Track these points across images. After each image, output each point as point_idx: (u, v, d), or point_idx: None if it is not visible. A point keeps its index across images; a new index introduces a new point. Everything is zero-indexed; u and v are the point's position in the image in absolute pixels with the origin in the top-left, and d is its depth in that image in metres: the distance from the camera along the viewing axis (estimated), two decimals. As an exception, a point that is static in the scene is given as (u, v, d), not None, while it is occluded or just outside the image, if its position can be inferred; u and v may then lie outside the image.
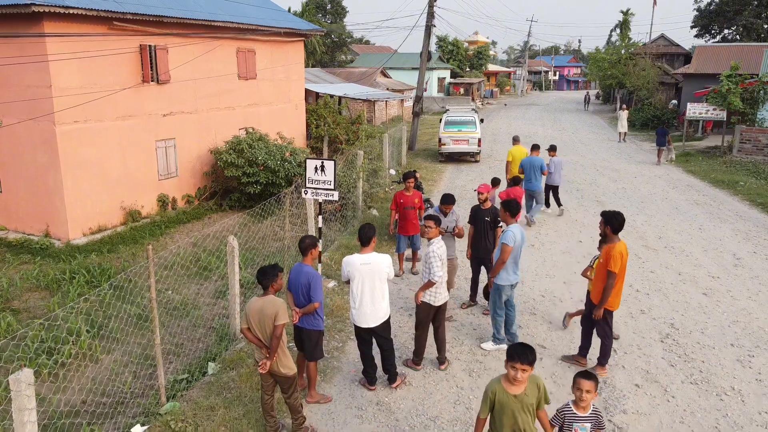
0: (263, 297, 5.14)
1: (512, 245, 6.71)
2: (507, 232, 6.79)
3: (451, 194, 7.91)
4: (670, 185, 17.18)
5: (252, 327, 5.14)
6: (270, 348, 5.04)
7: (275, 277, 5.19)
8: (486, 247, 7.95)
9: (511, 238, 6.72)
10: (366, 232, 5.89)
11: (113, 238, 12.71)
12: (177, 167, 14.92)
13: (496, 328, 7.10)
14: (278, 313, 4.99)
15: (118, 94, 12.97)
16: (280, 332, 4.99)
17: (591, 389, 4.07)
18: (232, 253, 7.16)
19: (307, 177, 9.06)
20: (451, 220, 7.84)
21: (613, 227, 6.31)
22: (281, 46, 18.43)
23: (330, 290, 8.92)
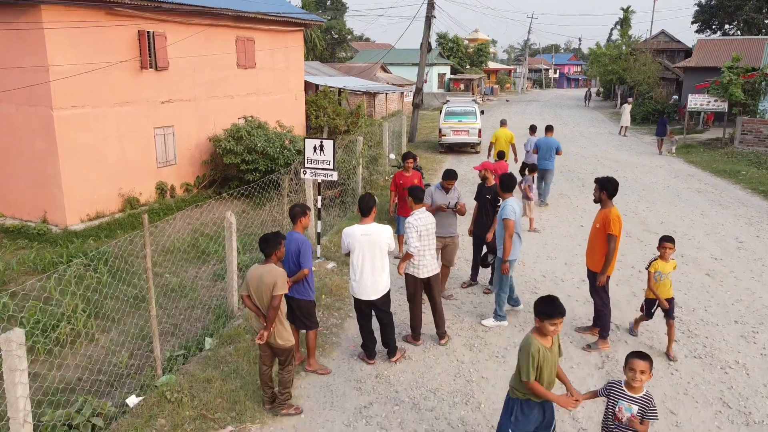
0: (264, 265, 5.04)
1: (513, 218, 6.65)
2: (506, 206, 6.73)
3: (453, 170, 7.73)
4: (672, 175, 17.09)
5: (251, 294, 5.06)
6: (267, 318, 4.95)
7: (278, 244, 5.10)
8: (486, 224, 7.87)
9: (512, 212, 6.67)
10: (367, 201, 5.79)
11: (111, 224, 12.62)
12: (176, 155, 14.83)
13: (498, 305, 7.04)
14: (277, 283, 4.90)
15: (115, 79, 12.88)
16: (277, 303, 4.90)
17: (645, 369, 3.89)
18: (230, 229, 7.07)
19: (306, 157, 8.98)
20: (453, 196, 7.66)
21: (608, 192, 6.40)
22: (281, 36, 18.33)
23: (329, 271, 8.83)
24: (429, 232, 6.15)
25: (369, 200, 5.79)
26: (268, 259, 5.09)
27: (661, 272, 6.27)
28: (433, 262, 6.25)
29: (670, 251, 6.32)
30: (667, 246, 6.31)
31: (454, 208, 7.50)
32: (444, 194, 7.47)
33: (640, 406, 3.92)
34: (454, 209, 7.49)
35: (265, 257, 5.11)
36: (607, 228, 6.26)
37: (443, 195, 7.44)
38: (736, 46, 29.04)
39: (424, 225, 6.10)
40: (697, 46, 31.79)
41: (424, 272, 6.20)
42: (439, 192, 7.48)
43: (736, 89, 21.27)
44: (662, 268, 6.28)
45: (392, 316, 6.07)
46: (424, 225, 6.09)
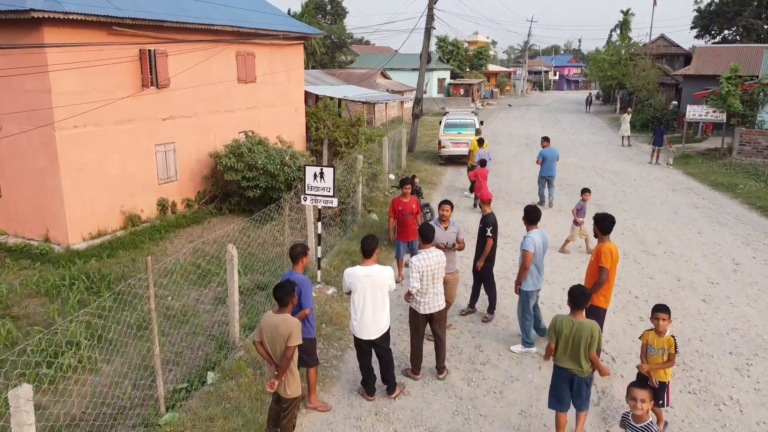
0: (279, 314, 5.06)
1: (532, 251, 6.84)
2: (527, 238, 6.95)
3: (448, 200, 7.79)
4: (670, 188, 17.19)
5: (264, 342, 5.10)
6: (279, 367, 5.02)
7: (293, 292, 5.15)
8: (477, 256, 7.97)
9: (531, 244, 6.87)
10: (369, 243, 5.89)
11: (113, 242, 12.72)
12: (177, 171, 14.93)
13: (525, 333, 7.25)
14: (292, 334, 4.95)
15: (117, 98, 12.98)
16: (291, 354, 4.97)
17: (645, 398, 4.17)
18: (231, 262, 7.17)
19: (306, 183, 9.08)
20: (452, 231, 7.52)
21: (601, 228, 6.62)
22: (281, 49, 18.43)
23: (329, 297, 8.93)
24: (434, 272, 6.21)
25: (371, 242, 5.88)
26: (283, 307, 5.13)
27: (652, 346, 5.39)
28: (436, 300, 6.33)
29: (664, 323, 5.30)
30: (660, 317, 5.32)
31: (452, 247, 7.43)
32: (443, 230, 7.43)
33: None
34: (452, 248, 7.41)
35: (279, 306, 5.15)
36: (598, 261, 6.42)
37: (442, 232, 7.42)
38: (734, 54, 29.16)
39: (428, 266, 6.18)
40: (696, 53, 31.89)
41: (425, 309, 6.30)
42: (439, 229, 7.47)
43: (734, 100, 21.37)
44: (653, 342, 5.38)
45: (392, 353, 6.17)
46: (428, 266, 6.17)
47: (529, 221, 7.12)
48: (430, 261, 6.19)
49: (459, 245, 7.50)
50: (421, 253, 6.24)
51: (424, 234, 6.31)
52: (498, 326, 7.99)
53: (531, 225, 7.09)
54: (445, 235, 7.40)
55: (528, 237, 6.95)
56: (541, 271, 7.11)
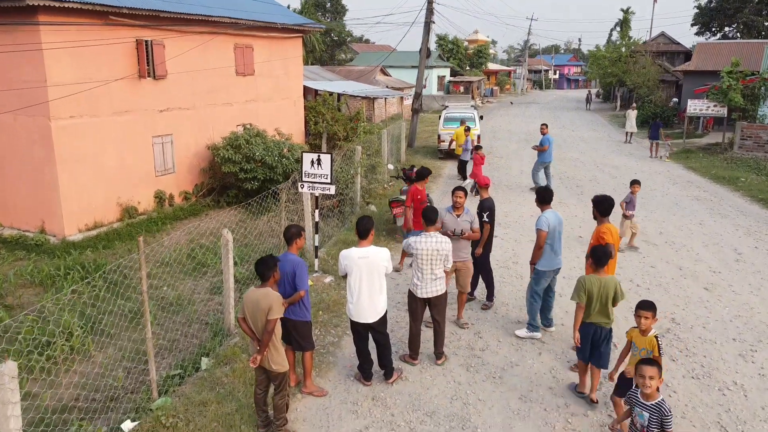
0: (260, 288, 5.03)
1: (546, 230, 6.74)
2: (540, 218, 6.86)
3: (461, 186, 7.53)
4: (671, 181, 17.07)
5: (247, 318, 5.06)
6: (261, 342, 4.94)
7: (274, 267, 5.11)
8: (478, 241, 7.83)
9: (545, 223, 6.77)
10: (364, 224, 5.76)
11: (109, 234, 12.61)
12: (174, 163, 14.81)
13: (531, 315, 7.12)
14: (272, 307, 4.89)
15: (114, 89, 12.87)
16: (272, 327, 4.89)
17: (654, 375, 4.10)
18: (227, 247, 7.06)
19: (303, 171, 8.97)
20: (465, 220, 7.18)
21: (600, 210, 6.60)
22: (279, 42, 18.32)
23: (326, 285, 8.81)
24: (431, 256, 6.07)
25: (367, 223, 5.76)
26: (264, 282, 5.08)
27: (635, 345, 5.02)
28: (435, 284, 6.17)
29: (647, 321, 4.86)
30: (643, 315, 4.87)
31: (459, 235, 7.11)
32: (454, 218, 7.22)
33: (651, 413, 4.10)
34: (459, 236, 7.12)
35: (262, 280, 5.10)
36: (600, 240, 6.33)
37: (454, 219, 7.21)
38: (735, 50, 29.04)
39: (426, 249, 6.05)
40: (697, 49, 31.77)
41: (422, 292, 6.17)
42: (450, 216, 7.27)
43: (735, 94, 21.25)
44: (637, 340, 5.00)
45: (389, 337, 6.05)
46: (425, 249, 6.05)
47: (542, 202, 7.01)
48: (428, 244, 6.07)
49: (473, 234, 7.23)
50: (421, 234, 6.12)
51: (427, 216, 6.19)
52: (498, 313, 7.88)
53: (544, 205, 6.98)
54: (456, 222, 7.18)
55: (542, 216, 6.84)
56: (557, 251, 6.96)
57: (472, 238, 7.35)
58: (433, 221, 6.18)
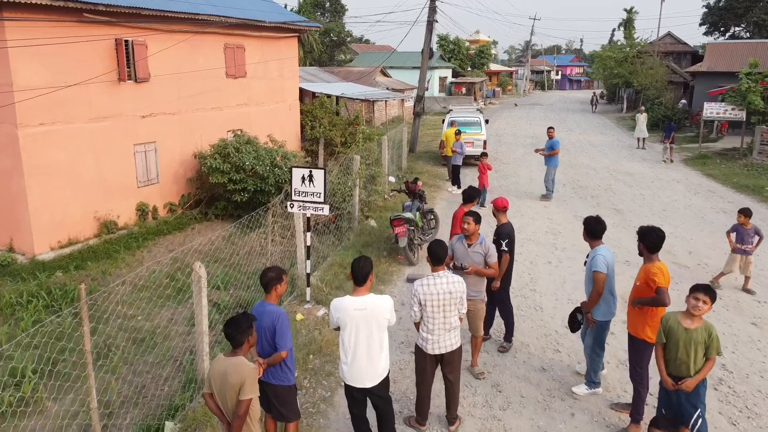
0: (231, 357, 3.96)
1: (605, 272, 5.60)
2: (596, 256, 5.67)
3: (475, 212, 6.33)
4: (691, 191, 15.97)
5: (214, 394, 3.99)
6: (232, 428, 3.85)
7: (250, 329, 4.02)
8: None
9: (603, 264, 5.61)
10: (361, 267, 4.62)
11: (84, 252, 11.51)
12: (158, 173, 13.72)
13: (593, 370, 6.00)
14: (245, 384, 3.82)
15: (90, 93, 11.80)
16: (244, 411, 3.81)
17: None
18: (199, 284, 5.96)
19: (292, 188, 7.88)
20: (477, 251, 6.00)
21: (648, 245, 5.36)
22: (273, 42, 17.23)
23: (319, 320, 7.72)
24: (443, 303, 4.96)
25: (364, 266, 4.64)
26: (236, 349, 4.00)
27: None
28: (449, 337, 5.05)
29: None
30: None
31: (460, 268, 5.92)
32: (465, 248, 6.07)
33: None
34: (460, 269, 5.92)
35: (233, 346, 4.02)
36: (650, 283, 5.20)
37: (464, 250, 6.07)
38: (749, 50, 27.96)
39: (434, 294, 4.95)
40: (709, 49, 30.67)
41: (433, 348, 5.05)
42: (461, 245, 6.14)
43: (755, 97, 20.14)
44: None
45: (391, 402, 4.95)
46: (433, 294, 4.94)
47: (593, 235, 5.84)
48: (437, 288, 4.96)
49: (488, 270, 6.04)
50: (427, 278, 5.02)
51: (434, 253, 5.07)
52: (517, 358, 6.77)
53: (595, 240, 5.83)
54: (467, 254, 6.05)
55: (598, 255, 5.67)
56: (615, 295, 5.86)
57: (487, 275, 6.20)
58: (441, 259, 5.06)
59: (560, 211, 13.50)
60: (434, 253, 5.03)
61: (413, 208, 10.24)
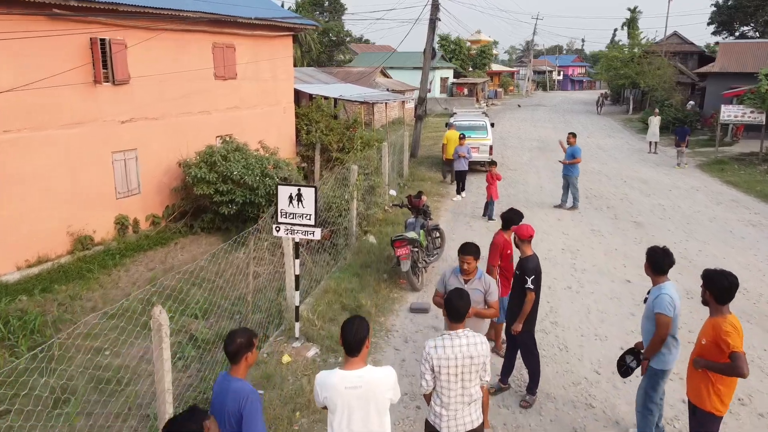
0: None
1: (671, 315, 4.59)
2: (661, 296, 4.64)
3: (472, 243, 5.21)
4: (713, 200, 14.91)
5: None
6: None
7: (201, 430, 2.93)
8: (517, 312, 5.68)
9: (669, 305, 4.60)
10: (354, 332, 3.53)
11: (53, 272, 10.47)
12: (139, 183, 12.67)
13: (647, 427, 4.97)
14: None
15: (63, 97, 10.76)
16: None
17: None
18: (159, 333, 4.89)
19: (278, 209, 6.82)
20: (477, 287, 5.09)
21: (717, 294, 4.22)
22: (266, 42, 16.18)
23: (309, 362, 6.65)
24: (461, 370, 3.88)
25: (358, 330, 3.55)
26: None
27: None
28: (468, 412, 3.96)
29: None
30: None
31: None
32: (461, 283, 5.10)
33: None
34: None
35: None
36: (722, 344, 4.11)
37: (460, 285, 5.07)
38: (763, 50, 26.93)
39: (450, 358, 3.87)
40: (721, 49, 29.61)
41: (449, 426, 3.96)
42: (456, 280, 5.18)
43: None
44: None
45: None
46: (450, 358, 3.87)
47: (657, 270, 4.79)
48: (456, 351, 3.89)
49: (487, 311, 5.08)
50: (443, 337, 3.96)
51: (453, 307, 3.97)
52: (543, 415, 5.70)
53: (660, 276, 4.79)
54: None
55: (664, 294, 4.64)
56: (677, 339, 4.83)
57: (488, 316, 5.20)
58: (461, 315, 3.99)
59: (576, 225, 12.44)
60: (453, 307, 3.96)
61: (417, 226, 9.18)
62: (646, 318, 4.84)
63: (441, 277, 5.29)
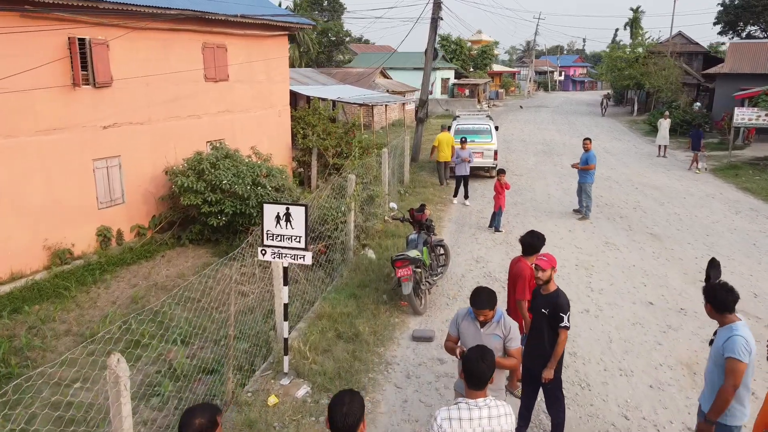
0: None
1: (746, 360, 3.83)
2: (734, 338, 3.86)
3: (487, 289, 4.32)
4: (731, 209, 14.13)
5: None
6: None
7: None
8: (539, 355, 4.90)
9: (744, 349, 3.82)
10: (345, 415, 2.76)
11: (26, 290, 9.68)
12: (123, 192, 11.90)
13: None
14: None
15: (38, 101, 10.00)
16: None
17: None
18: (117, 386, 4.12)
19: (264, 230, 6.06)
20: (494, 333, 4.28)
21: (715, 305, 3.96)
22: (260, 42, 15.41)
23: (299, 404, 5.86)
24: None
25: (349, 412, 2.74)
26: None
27: None
28: None
29: None
30: None
31: None
32: (476, 330, 4.34)
33: None
34: None
35: None
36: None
37: (476, 331, 4.33)
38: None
39: (464, 430, 3.12)
40: (731, 49, 28.84)
41: None
42: (471, 325, 4.39)
43: (791, 101, 18.34)
44: None
45: None
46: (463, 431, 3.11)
47: (721, 307, 4.02)
48: (474, 426, 3.12)
49: (507, 361, 4.29)
50: (458, 407, 3.19)
51: (474, 370, 3.21)
52: (568, 474, 4.93)
53: (727, 315, 4.02)
54: (479, 338, 4.24)
55: (736, 336, 3.87)
56: (749, 392, 4.05)
57: (508, 367, 4.41)
58: (482, 382, 3.22)
59: (588, 237, 11.67)
60: (473, 371, 3.19)
61: (419, 243, 8.40)
62: (715, 365, 4.06)
63: (454, 319, 4.51)
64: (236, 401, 5.87)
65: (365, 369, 6.49)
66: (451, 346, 4.43)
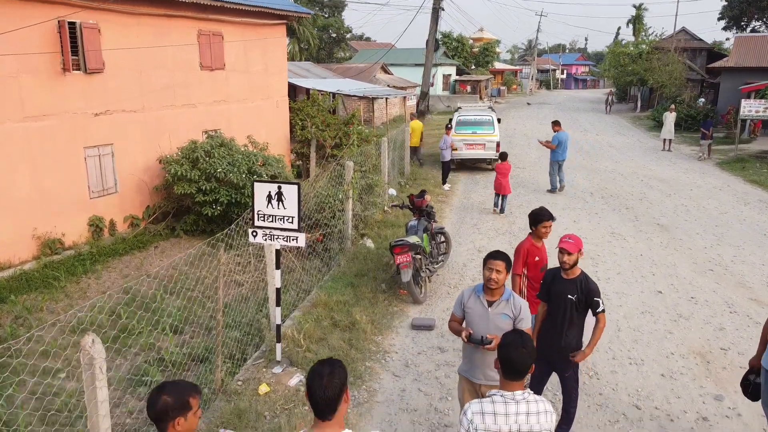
0: None
1: None
2: None
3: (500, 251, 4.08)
4: (740, 201, 13.80)
5: None
6: None
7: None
8: (561, 344, 4.53)
9: None
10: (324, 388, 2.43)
11: (13, 280, 9.38)
12: (116, 181, 11.60)
13: None
14: None
15: (25, 86, 9.70)
16: None
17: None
18: (91, 368, 3.81)
19: (255, 210, 5.76)
20: (500, 315, 3.95)
21: None
22: (257, 30, 15.11)
23: (291, 392, 5.55)
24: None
25: (330, 383, 2.41)
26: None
27: None
28: None
29: None
30: None
31: (484, 342, 3.79)
32: (483, 309, 3.99)
33: None
34: (483, 344, 3.81)
35: None
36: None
37: (483, 311, 4.00)
38: (781, 44, 25.80)
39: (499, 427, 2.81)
40: (736, 43, 28.48)
41: None
42: (479, 303, 4.06)
43: (799, 93, 17.99)
44: None
45: None
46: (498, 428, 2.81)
47: None
48: (511, 422, 2.79)
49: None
50: (493, 400, 2.88)
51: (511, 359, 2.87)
52: (578, 466, 4.61)
53: None
54: (487, 318, 3.95)
55: None
56: None
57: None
58: (521, 372, 2.88)
59: (594, 227, 11.34)
60: (512, 359, 2.86)
61: (419, 229, 8.09)
62: None
63: (458, 298, 4.19)
64: (225, 390, 5.57)
65: (362, 357, 6.18)
66: (457, 326, 4.12)
